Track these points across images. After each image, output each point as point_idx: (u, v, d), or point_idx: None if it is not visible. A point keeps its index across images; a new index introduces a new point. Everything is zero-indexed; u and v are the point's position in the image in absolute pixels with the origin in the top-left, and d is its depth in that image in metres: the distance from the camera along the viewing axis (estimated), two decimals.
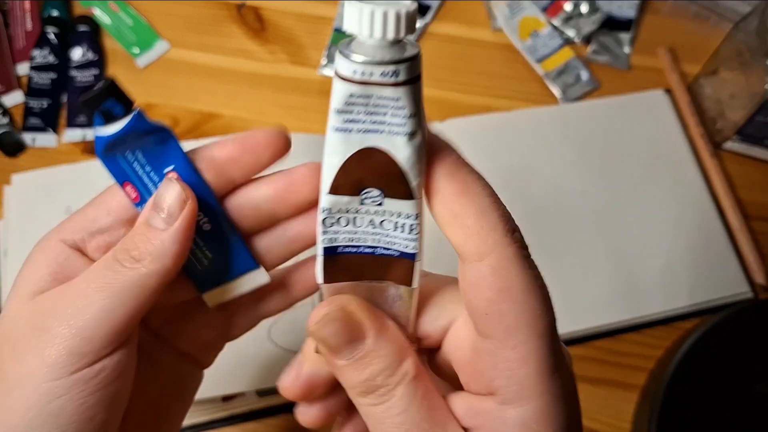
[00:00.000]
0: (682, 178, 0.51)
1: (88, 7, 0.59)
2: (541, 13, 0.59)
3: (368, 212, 0.19)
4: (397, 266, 0.20)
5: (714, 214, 0.50)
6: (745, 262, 0.48)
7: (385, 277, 0.20)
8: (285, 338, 0.43)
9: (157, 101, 0.55)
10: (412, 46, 0.18)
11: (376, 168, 0.18)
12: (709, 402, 0.42)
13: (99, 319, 0.21)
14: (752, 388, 0.43)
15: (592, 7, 0.58)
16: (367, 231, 0.20)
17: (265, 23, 0.59)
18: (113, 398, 0.22)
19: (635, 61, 0.58)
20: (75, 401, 0.20)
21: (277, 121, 0.54)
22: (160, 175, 0.23)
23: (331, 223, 0.19)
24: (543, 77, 0.56)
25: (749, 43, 0.48)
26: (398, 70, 0.17)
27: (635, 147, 0.52)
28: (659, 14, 0.60)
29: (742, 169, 0.53)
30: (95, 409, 0.21)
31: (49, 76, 0.55)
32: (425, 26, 0.59)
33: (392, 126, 0.18)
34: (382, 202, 0.19)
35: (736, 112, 0.51)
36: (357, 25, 0.17)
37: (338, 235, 0.20)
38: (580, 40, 0.58)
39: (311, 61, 0.57)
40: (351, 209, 0.19)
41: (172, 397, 0.26)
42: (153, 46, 0.57)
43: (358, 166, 0.18)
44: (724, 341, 0.44)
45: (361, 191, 0.19)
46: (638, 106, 0.54)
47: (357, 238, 0.20)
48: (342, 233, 0.20)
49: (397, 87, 0.17)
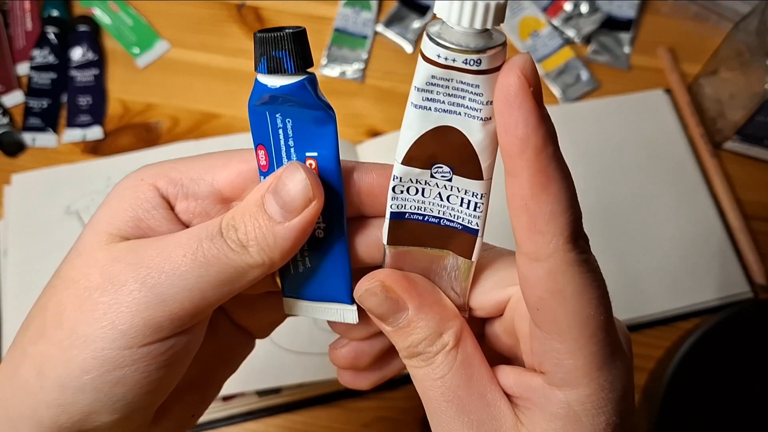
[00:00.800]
0: (682, 178, 0.51)
1: (88, 7, 0.59)
2: (541, 13, 0.59)
3: (437, 186, 0.20)
4: (458, 238, 0.21)
5: (714, 214, 0.50)
6: (745, 262, 0.48)
7: (446, 247, 0.21)
8: (285, 338, 0.43)
9: (157, 101, 0.55)
10: (499, 35, 0.18)
11: (449, 146, 0.19)
12: (709, 402, 0.42)
13: (187, 297, 0.19)
14: (752, 388, 0.43)
15: (592, 7, 0.58)
16: (434, 202, 0.21)
17: (265, 23, 0.59)
18: (176, 373, 0.21)
19: (635, 61, 0.58)
20: (138, 373, 0.19)
21: None
22: (301, 155, 0.20)
23: (401, 190, 0.21)
24: (543, 77, 0.56)
25: (749, 43, 0.48)
26: (480, 59, 0.18)
27: (635, 147, 0.52)
28: (659, 14, 0.60)
29: (742, 169, 0.53)
30: (156, 384, 0.20)
31: (49, 76, 0.55)
32: (425, 26, 0.59)
33: (469, 110, 0.19)
34: (452, 179, 0.20)
35: (736, 112, 0.51)
36: (447, 11, 0.17)
37: (406, 202, 0.21)
38: (580, 40, 0.58)
39: None
40: (421, 180, 0.20)
41: (221, 363, 0.26)
42: (153, 46, 0.57)
43: (432, 142, 0.19)
44: (724, 341, 0.44)
45: (432, 165, 0.20)
46: (638, 106, 0.54)
47: (424, 208, 0.21)
48: (410, 201, 0.21)
49: (478, 75, 0.18)
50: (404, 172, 0.20)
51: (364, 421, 0.44)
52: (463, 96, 0.18)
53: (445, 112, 0.19)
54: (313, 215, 0.20)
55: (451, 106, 0.19)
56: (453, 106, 0.19)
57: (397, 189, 0.21)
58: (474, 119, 0.19)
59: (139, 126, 0.54)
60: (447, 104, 0.19)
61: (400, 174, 0.20)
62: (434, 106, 0.19)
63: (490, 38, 0.18)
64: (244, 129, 0.53)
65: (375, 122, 0.55)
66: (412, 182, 0.20)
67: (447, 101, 0.18)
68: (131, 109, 0.55)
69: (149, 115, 0.54)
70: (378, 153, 0.51)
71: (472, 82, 0.18)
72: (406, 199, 0.21)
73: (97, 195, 0.48)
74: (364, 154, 0.51)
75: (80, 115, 0.54)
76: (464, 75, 0.18)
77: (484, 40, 0.18)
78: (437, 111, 0.19)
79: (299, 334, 0.43)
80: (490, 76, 0.18)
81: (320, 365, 0.42)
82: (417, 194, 0.21)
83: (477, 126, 0.19)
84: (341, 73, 0.57)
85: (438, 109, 0.19)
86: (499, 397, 0.20)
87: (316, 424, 0.44)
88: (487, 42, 0.18)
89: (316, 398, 0.44)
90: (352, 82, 0.57)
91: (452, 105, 0.19)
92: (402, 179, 0.20)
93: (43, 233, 0.46)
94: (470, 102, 0.18)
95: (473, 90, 0.18)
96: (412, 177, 0.20)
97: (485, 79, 0.18)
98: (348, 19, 0.59)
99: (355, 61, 0.57)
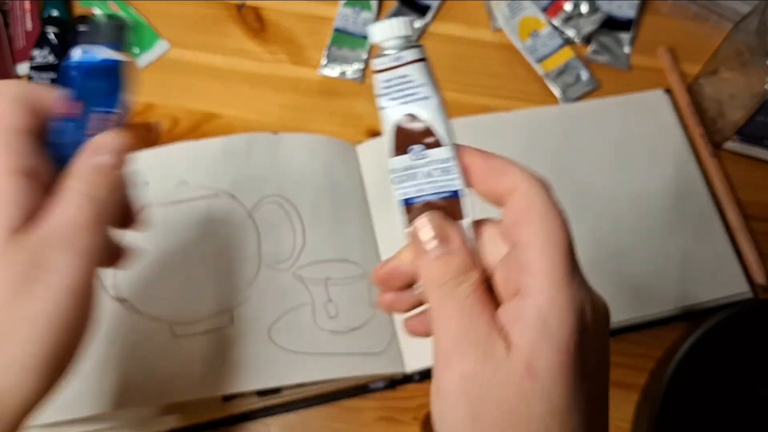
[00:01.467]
0: (682, 177, 0.51)
1: (88, 7, 0.59)
2: (541, 13, 0.59)
3: (421, 166, 0.27)
4: (453, 205, 0.26)
5: (714, 214, 0.50)
6: (745, 262, 0.49)
7: (449, 215, 0.26)
8: (285, 338, 0.43)
9: (157, 101, 0.55)
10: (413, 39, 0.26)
11: (414, 129, 0.26)
12: (708, 402, 0.42)
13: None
14: (752, 388, 0.43)
15: (592, 7, 0.59)
16: (425, 182, 0.27)
17: (265, 23, 0.59)
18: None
19: (635, 61, 0.58)
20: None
21: (276, 121, 0.55)
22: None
23: (399, 180, 0.27)
24: (543, 77, 0.56)
25: (749, 43, 0.49)
26: (401, 55, 0.26)
27: (635, 147, 0.52)
28: (659, 14, 0.61)
29: (742, 168, 0.53)
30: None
31: (49, 76, 0.55)
32: (425, 26, 0.59)
33: (414, 96, 0.26)
34: (426, 154, 0.26)
35: (736, 112, 0.51)
36: (379, 33, 0.26)
37: (407, 189, 0.27)
38: (580, 40, 0.58)
39: (311, 61, 0.57)
40: (409, 167, 0.27)
41: None
42: (153, 46, 0.57)
43: (403, 131, 0.26)
44: (723, 341, 0.44)
45: (408, 149, 0.26)
46: (638, 106, 0.54)
47: (420, 189, 0.27)
48: (408, 187, 0.27)
49: (406, 66, 0.26)
50: (394, 162, 0.27)
51: (364, 421, 0.44)
52: (406, 88, 0.26)
53: (400, 104, 0.26)
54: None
55: (401, 98, 0.26)
56: (404, 98, 0.26)
57: (396, 180, 0.27)
58: (419, 101, 0.26)
59: (139, 126, 0.54)
60: (398, 98, 0.26)
61: (392, 166, 0.27)
62: (392, 104, 0.26)
63: (408, 41, 0.26)
64: (244, 129, 0.53)
65: (375, 122, 0.55)
66: (404, 171, 0.27)
67: (397, 96, 0.26)
68: (131, 109, 0.55)
69: (149, 115, 0.55)
70: (378, 153, 0.51)
71: (404, 73, 0.26)
72: (405, 186, 0.27)
73: None
74: (363, 155, 0.51)
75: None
76: (398, 71, 0.26)
77: (404, 43, 0.26)
78: (394, 106, 0.26)
79: (299, 334, 0.43)
80: (416, 65, 0.26)
81: (320, 365, 0.42)
82: (411, 180, 0.27)
83: (423, 105, 0.26)
84: (341, 73, 0.57)
85: (394, 104, 0.26)
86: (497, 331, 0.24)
87: (316, 424, 0.44)
88: (407, 43, 0.26)
89: (316, 398, 0.44)
90: (352, 83, 0.57)
91: (401, 97, 0.26)
92: (396, 170, 0.27)
93: None
94: (410, 89, 0.26)
95: (409, 80, 0.26)
96: (401, 166, 0.27)
97: (413, 68, 0.26)
98: (348, 19, 0.59)
99: (355, 61, 0.57)
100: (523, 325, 0.23)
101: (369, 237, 0.48)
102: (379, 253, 0.48)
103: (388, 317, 0.45)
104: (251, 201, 0.47)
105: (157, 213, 0.47)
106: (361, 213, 0.49)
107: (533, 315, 0.23)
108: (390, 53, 0.26)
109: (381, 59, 0.26)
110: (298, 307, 0.44)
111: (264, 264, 0.45)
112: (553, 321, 0.23)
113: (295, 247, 0.46)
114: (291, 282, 0.44)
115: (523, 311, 0.23)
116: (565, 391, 0.23)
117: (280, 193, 0.47)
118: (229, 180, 0.48)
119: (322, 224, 0.47)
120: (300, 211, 0.47)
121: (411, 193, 0.27)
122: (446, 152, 0.26)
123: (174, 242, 0.46)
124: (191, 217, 0.46)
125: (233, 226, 0.46)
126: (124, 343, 0.43)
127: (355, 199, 0.49)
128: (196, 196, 0.47)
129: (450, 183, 0.26)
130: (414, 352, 0.44)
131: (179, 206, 0.47)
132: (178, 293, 0.44)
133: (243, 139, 0.49)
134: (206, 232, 0.46)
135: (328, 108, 0.55)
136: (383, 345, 0.44)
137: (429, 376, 0.44)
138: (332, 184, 0.49)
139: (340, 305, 0.44)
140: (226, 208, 0.47)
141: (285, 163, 0.49)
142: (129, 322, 0.43)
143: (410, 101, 0.26)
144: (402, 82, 0.26)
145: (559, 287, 0.23)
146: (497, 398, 0.23)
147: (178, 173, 0.48)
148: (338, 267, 0.45)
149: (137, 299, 0.44)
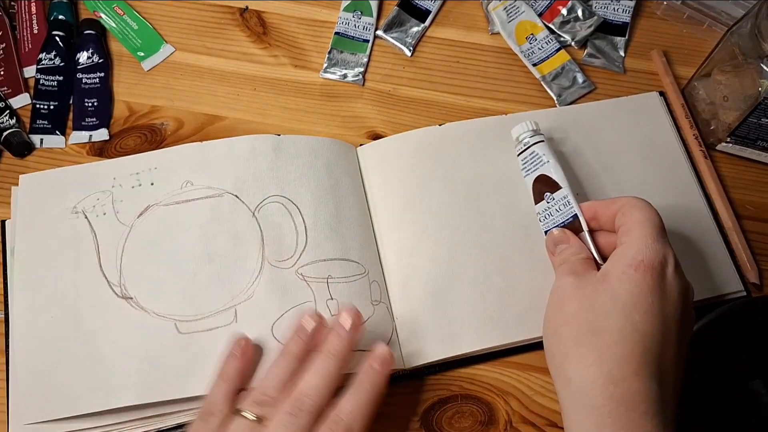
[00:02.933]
0: (676, 179, 0.52)
1: (94, 11, 0.60)
2: (538, 18, 0.59)
3: (551, 207, 0.44)
4: (575, 223, 0.43)
5: (707, 214, 0.51)
6: (738, 262, 0.49)
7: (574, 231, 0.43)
8: (285, 338, 0.43)
9: (162, 103, 0.56)
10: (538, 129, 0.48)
11: (544, 183, 0.45)
12: (703, 399, 0.42)
13: None
14: (746, 385, 0.43)
15: (588, 11, 0.59)
16: (556, 215, 0.44)
17: (268, 27, 0.60)
18: None
19: (630, 65, 0.59)
20: None
21: (279, 123, 0.55)
22: None
23: (542, 218, 0.45)
24: (540, 80, 0.57)
25: (743, 46, 0.49)
26: (529, 141, 0.47)
27: (630, 149, 0.53)
28: (654, 18, 0.61)
29: (736, 169, 0.54)
30: None
31: (56, 79, 0.56)
32: (424, 30, 0.60)
33: (540, 163, 0.46)
34: (553, 197, 0.44)
35: (730, 114, 0.52)
36: (518, 130, 0.48)
37: (548, 222, 0.44)
38: (575, 44, 0.59)
39: (313, 64, 0.58)
40: (546, 209, 0.44)
41: None
42: (158, 50, 0.58)
43: (538, 185, 0.45)
44: (717, 339, 0.44)
45: (544, 195, 0.45)
46: (633, 109, 0.55)
47: (555, 220, 0.44)
48: (548, 221, 0.44)
49: (532, 147, 0.47)
50: (537, 207, 0.45)
51: None
52: (535, 160, 0.46)
53: (534, 171, 0.46)
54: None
55: (533, 166, 0.46)
56: (534, 166, 0.46)
57: (540, 218, 0.45)
58: (543, 165, 0.45)
59: (144, 128, 0.55)
60: (532, 167, 0.46)
61: (537, 210, 0.45)
62: (529, 169, 0.46)
63: (534, 132, 0.47)
64: (247, 131, 0.54)
65: (375, 125, 0.56)
66: (543, 212, 0.45)
67: (531, 166, 0.46)
68: (136, 111, 0.56)
69: (154, 117, 0.55)
70: (378, 155, 0.52)
71: (535, 150, 0.46)
72: (546, 220, 0.44)
73: (102, 195, 0.49)
74: (364, 156, 0.52)
75: (86, 117, 0.55)
76: (530, 149, 0.47)
77: (531, 133, 0.47)
78: (532, 172, 0.46)
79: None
80: (537, 146, 0.46)
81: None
82: (549, 216, 0.44)
83: (547, 167, 0.45)
84: (342, 77, 0.58)
85: (530, 170, 0.46)
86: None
87: None
88: (533, 133, 0.47)
89: None
90: (352, 86, 0.57)
91: (534, 165, 0.46)
92: (539, 212, 0.45)
93: (49, 232, 0.47)
94: (539, 159, 0.46)
95: (537, 154, 0.46)
96: (541, 209, 0.45)
97: (537, 147, 0.46)
98: (349, 23, 0.59)
99: (355, 65, 0.58)
100: (611, 257, 0.38)
101: (369, 236, 0.49)
102: (378, 252, 0.49)
103: (389, 315, 0.46)
104: (255, 201, 0.48)
105: (163, 213, 0.48)
106: (362, 213, 0.49)
107: (619, 251, 0.38)
108: (526, 138, 0.47)
109: (519, 146, 0.47)
110: (300, 305, 0.45)
111: (267, 262, 0.46)
112: (631, 250, 0.37)
113: (298, 246, 0.46)
114: (293, 280, 0.45)
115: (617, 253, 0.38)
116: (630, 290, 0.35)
117: (282, 193, 0.48)
118: (233, 180, 0.48)
119: (323, 224, 0.47)
120: (302, 211, 0.48)
121: (549, 224, 0.44)
122: (564, 192, 0.43)
123: (179, 241, 0.46)
124: (196, 217, 0.47)
125: (237, 226, 0.47)
126: (129, 340, 0.43)
127: (356, 200, 0.50)
128: (201, 196, 0.48)
129: (570, 211, 0.43)
130: (414, 349, 0.45)
131: (184, 206, 0.48)
132: (183, 291, 0.45)
133: (246, 141, 0.50)
134: (211, 231, 0.47)
135: (329, 110, 0.56)
136: (383, 342, 0.44)
137: (428, 372, 0.45)
138: (334, 185, 0.49)
139: (341, 303, 0.45)
140: (230, 208, 0.47)
141: (288, 164, 0.49)
142: (134, 319, 0.44)
143: (540, 167, 0.45)
144: (533, 156, 0.46)
145: (646, 239, 0.37)
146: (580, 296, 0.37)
147: (183, 174, 0.49)
148: (339, 265, 0.46)
149: (143, 297, 0.45)
